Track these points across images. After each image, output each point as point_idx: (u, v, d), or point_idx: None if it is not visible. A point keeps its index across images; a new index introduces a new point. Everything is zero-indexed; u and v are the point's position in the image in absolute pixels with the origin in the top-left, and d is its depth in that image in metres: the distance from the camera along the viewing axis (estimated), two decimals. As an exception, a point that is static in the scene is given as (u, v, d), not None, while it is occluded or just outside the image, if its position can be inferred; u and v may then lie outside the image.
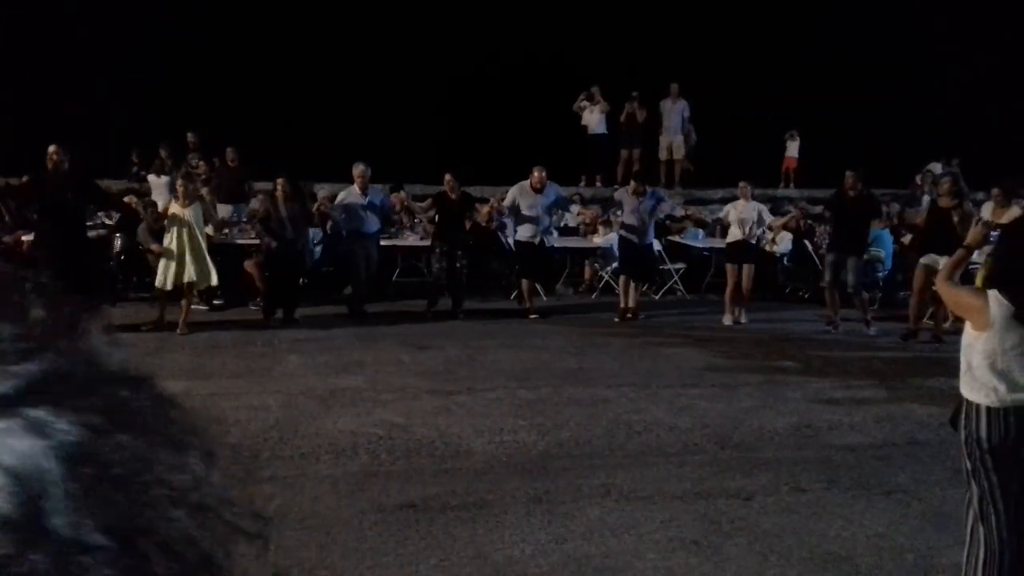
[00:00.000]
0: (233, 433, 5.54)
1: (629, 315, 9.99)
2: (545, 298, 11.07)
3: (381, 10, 16.17)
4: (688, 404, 6.55)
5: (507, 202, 10.18)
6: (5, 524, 0.33)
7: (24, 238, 9.81)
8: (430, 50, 15.94)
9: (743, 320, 9.91)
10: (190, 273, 8.68)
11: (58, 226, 8.43)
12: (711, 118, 15.04)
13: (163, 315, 8.82)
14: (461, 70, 15.91)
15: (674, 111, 15.20)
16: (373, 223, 9.96)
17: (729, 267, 9.96)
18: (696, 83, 14.98)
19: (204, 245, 8.89)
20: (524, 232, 10.10)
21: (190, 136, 13.84)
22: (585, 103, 15.02)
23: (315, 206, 10.31)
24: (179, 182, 9.27)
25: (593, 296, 11.71)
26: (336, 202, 10.09)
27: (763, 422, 6.07)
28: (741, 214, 9.84)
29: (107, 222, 10.97)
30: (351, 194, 9.85)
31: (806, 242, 11.76)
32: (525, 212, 10.05)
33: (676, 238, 12.12)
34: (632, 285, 10.12)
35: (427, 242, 11.43)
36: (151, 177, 13.39)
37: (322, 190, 11.05)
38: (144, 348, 7.90)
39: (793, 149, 15.83)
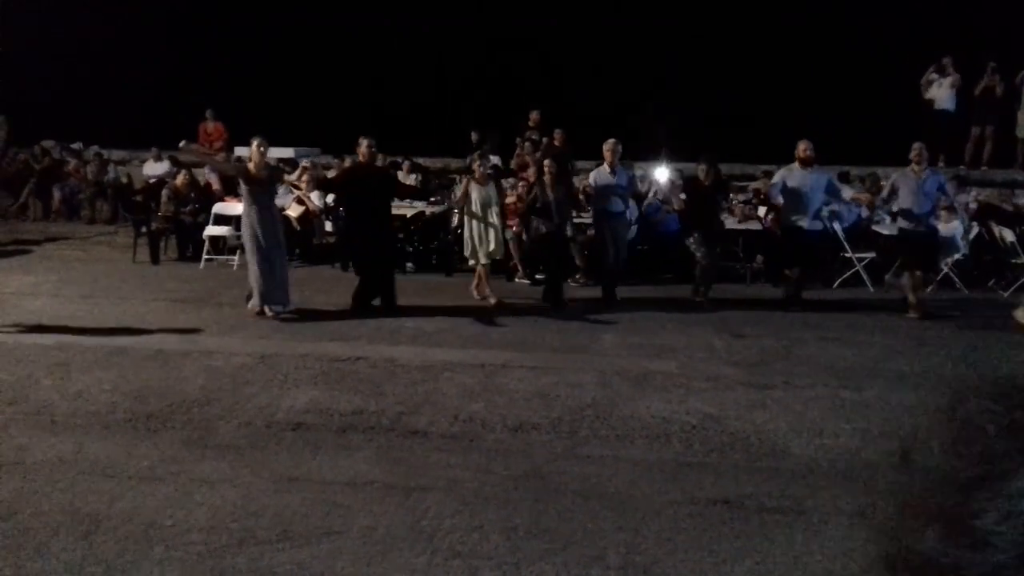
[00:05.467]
0: (554, 407, 5.84)
1: (914, 313, 9.08)
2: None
3: None
4: (1044, 423, 5.81)
5: (775, 180, 9.42)
6: None
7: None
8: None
9: None
10: (492, 247, 9.23)
11: (365, 210, 8.93)
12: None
13: (483, 286, 9.41)
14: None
15: (1035, 84, 13.37)
16: (619, 203, 9.51)
17: None
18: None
19: (498, 221, 9.29)
20: (792, 215, 9.27)
21: (533, 114, 14.48)
22: (935, 75, 13.68)
23: (581, 188, 10.12)
24: (476, 162, 9.49)
25: (928, 290, 10.67)
26: (589, 181, 9.66)
27: None
28: None
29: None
30: (600, 173, 9.53)
31: None
32: (793, 189, 9.20)
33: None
34: (918, 276, 9.25)
35: (746, 225, 11.20)
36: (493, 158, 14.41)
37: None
38: (470, 318, 8.56)
39: None
